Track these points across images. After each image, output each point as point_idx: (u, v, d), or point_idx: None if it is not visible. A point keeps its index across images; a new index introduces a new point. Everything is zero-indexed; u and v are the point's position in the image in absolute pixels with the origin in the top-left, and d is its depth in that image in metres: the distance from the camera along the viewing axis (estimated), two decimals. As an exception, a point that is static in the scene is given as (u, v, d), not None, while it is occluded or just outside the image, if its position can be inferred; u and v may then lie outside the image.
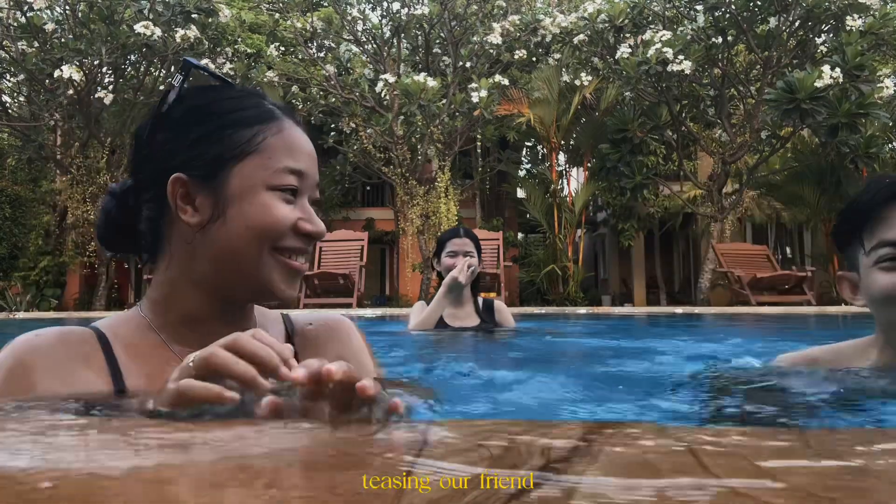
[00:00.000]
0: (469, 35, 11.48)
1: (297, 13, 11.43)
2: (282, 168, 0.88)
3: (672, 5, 10.45)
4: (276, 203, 0.87)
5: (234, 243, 0.85)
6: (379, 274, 16.94)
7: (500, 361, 2.14)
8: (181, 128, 0.89)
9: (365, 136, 11.53)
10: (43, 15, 9.48)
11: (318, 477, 0.42)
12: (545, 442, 0.49)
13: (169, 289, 0.89)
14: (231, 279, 0.88)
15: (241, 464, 0.43)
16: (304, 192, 0.92)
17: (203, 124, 0.88)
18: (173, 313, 0.89)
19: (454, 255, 3.03)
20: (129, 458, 0.46)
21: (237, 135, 0.87)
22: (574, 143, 13.21)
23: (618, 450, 0.47)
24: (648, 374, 1.97)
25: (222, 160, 0.87)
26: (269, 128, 0.89)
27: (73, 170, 10.79)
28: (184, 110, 0.90)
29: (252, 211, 0.85)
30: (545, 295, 12.32)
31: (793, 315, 7.22)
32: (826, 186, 11.10)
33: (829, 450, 0.47)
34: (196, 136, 0.88)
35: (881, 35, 9.30)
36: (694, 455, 0.44)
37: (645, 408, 1.20)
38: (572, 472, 0.40)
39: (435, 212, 10.87)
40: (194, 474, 0.41)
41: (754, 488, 0.37)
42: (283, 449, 0.49)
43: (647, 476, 0.39)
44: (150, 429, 0.59)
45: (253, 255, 0.86)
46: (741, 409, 1.10)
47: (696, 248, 15.48)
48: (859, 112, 8.72)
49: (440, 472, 0.40)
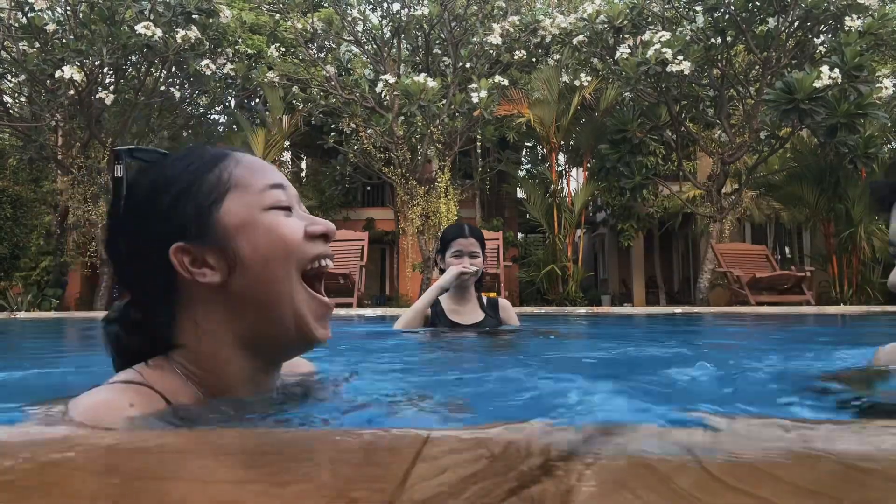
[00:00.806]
0: (469, 36, 11.47)
1: (298, 14, 11.42)
2: (263, 187, 0.86)
3: (671, 6, 10.44)
4: (278, 220, 0.85)
5: (265, 278, 0.83)
6: (379, 274, 16.93)
7: (501, 361, 2.15)
8: (148, 207, 0.85)
9: (365, 136, 11.53)
10: (44, 15, 9.47)
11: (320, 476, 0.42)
12: (545, 441, 0.49)
13: (211, 361, 0.85)
14: (271, 328, 0.84)
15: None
16: (293, 204, 0.90)
17: (167, 191, 0.85)
18: (222, 381, 0.85)
19: (459, 256, 2.90)
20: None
21: (204, 183, 0.85)
22: (574, 144, 13.19)
23: (617, 450, 0.47)
24: (668, 375, 1.99)
25: (204, 211, 0.84)
26: (226, 164, 0.88)
27: (74, 170, 10.78)
28: (141, 192, 0.86)
29: (261, 238, 0.84)
30: (545, 295, 12.31)
31: (792, 315, 7.23)
32: (825, 187, 11.09)
33: (830, 449, 0.47)
34: (167, 204, 0.84)
35: (880, 35, 9.29)
36: (692, 452, 0.44)
37: (657, 409, 1.22)
38: (572, 469, 0.40)
39: (435, 212, 10.86)
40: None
41: (754, 488, 0.37)
42: (285, 444, 0.50)
43: (647, 476, 0.39)
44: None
45: (286, 285, 0.83)
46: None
47: (695, 248, 15.47)
48: (858, 112, 8.71)
49: (441, 467, 0.41)
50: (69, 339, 4.99)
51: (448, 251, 2.95)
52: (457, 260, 2.90)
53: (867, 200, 10.85)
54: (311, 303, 0.86)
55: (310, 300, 0.86)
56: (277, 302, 0.84)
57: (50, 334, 5.47)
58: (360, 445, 0.52)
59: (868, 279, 11.02)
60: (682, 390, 1.38)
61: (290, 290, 0.84)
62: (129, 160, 0.89)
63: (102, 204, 10.80)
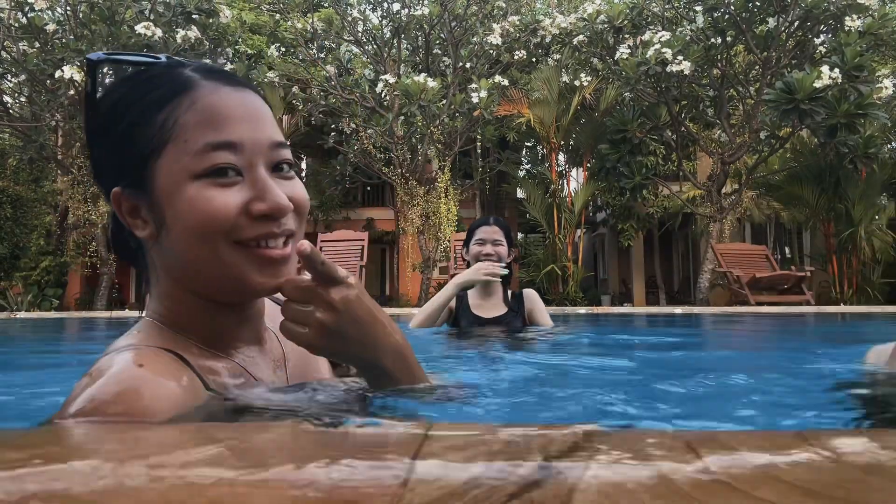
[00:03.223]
0: (469, 36, 11.48)
1: (298, 14, 11.42)
2: (201, 147, 0.72)
3: (671, 6, 10.45)
4: (205, 194, 0.72)
5: (185, 249, 0.74)
6: (379, 274, 16.94)
7: (504, 361, 2.15)
8: (103, 135, 0.77)
9: (365, 136, 11.53)
10: (44, 16, 9.48)
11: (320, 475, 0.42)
12: (546, 441, 0.49)
13: (168, 300, 0.80)
14: (204, 284, 0.77)
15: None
16: (253, 162, 0.74)
17: (119, 123, 0.75)
18: (185, 319, 0.80)
19: (483, 243, 2.92)
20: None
21: (149, 125, 0.73)
22: (574, 144, 13.20)
23: (619, 450, 0.47)
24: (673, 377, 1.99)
25: (142, 160, 0.74)
26: (180, 103, 0.73)
27: (74, 170, 10.79)
28: (101, 114, 0.77)
29: (183, 210, 0.72)
30: (545, 295, 12.30)
31: (792, 315, 7.23)
32: (825, 187, 11.09)
33: (830, 449, 0.47)
34: (115, 139, 0.76)
35: (880, 35, 9.30)
36: (694, 454, 0.44)
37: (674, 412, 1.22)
38: (573, 471, 0.40)
39: (435, 212, 10.87)
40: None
41: (757, 490, 0.37)
42: (282, 445, 0.50)
43: (647, 476, 0.39)
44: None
45: (207, 258, 0.74)
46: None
47: (695, 248, 15.48)
48: (858, 112, 8.72)
49: (440, 470, 0.40)
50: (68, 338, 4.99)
51: (472, 239, 2.97)
52: (480, 247, 2.92)
53: (867, 200, 10.87)
54: (248, 262, 0.75)
55: (246, 261, 0.74)
56: (206, 267, 0.75)
57: (50, 334, 5.47)
58: (360, 444, 0.52)
59: (868, 279, 11.03)
60: (684, 391, 1.38)
61: (218, 258, 0.74)
62: (107, 68, 0.79)
63: (102, 204, 10.81)
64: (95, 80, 0.77)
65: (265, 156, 0.75)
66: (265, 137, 0.76)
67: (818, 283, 11.59)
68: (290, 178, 0.79)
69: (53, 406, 0.70)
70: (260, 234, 0.74)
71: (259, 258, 0.75)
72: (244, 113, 0.75)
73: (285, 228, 0.76)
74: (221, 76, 0.78)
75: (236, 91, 0.76)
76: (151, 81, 0.76)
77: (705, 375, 1.49)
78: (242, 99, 0.76)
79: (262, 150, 0.75)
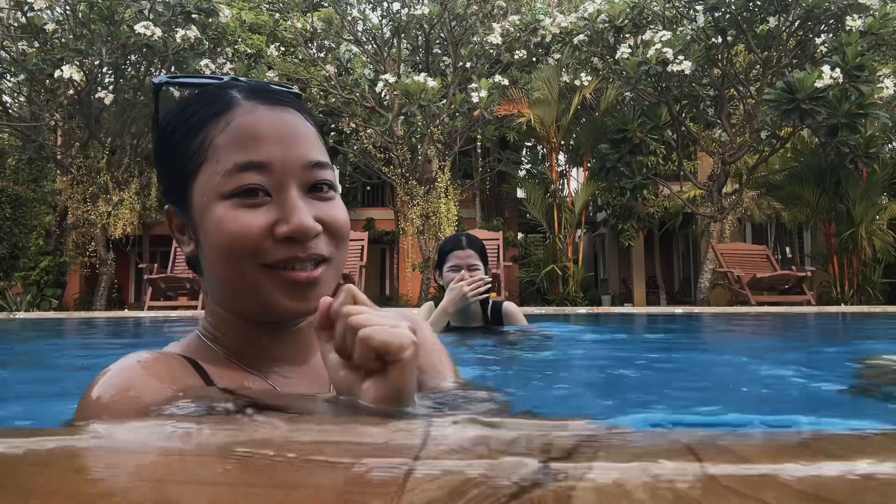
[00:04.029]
0: (469, 35, 11.49)
1: (298, 13, 11.43)
2: (230, 168, 0.72)
3: (672, 5, 10.46)
4: (232, 214, 0.72)
5: (216, 269, 0.75)
6: (379, 274, 16.95)
7: (502, 360, 2.15)
8: (158, 155, 0.81)
9: (365, 136, 11.54)
10: (43, 15, 9.49)
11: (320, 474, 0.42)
12: (547, 442, 0.49)
13: (211, 315, 0.82)
14: (237, 303, 0.78)
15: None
16: (283, 183, 0.73)
17: (169, 144, 0.78)
18: (221, 334, 0.80)
19: (457, 270, 2.71)
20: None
21: (190, 145, 0.76)
22: (574, 143, 13.21)
23: (619, 452, 0.47)
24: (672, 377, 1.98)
25: (183, 180, 0.76)
26: (216, 124, 0.75)
27: (73, 170, 10.79)
28: (158, 136, 0.81)
29: (211, 230, 0.73)
30: (545, 295, 12.32)
31: (792, 315, 7.23)
32: (826, 187, 11.10)
33: (832, 451, 0.47)
34: (166, 159, 0.79)
35: (881, 35, 9.30)
36: (694, 456, 0.44)
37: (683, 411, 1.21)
38: (573, 471, 0.40)
39: (435, 212, 10.88)
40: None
41: (759, 493, 0.36)
42: (285, 445, 0.50)
43: (647, 476, 0.39)
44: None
45: (235, 279, 0.74)
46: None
47: (695, 248, 15.49)
48: (859, 112, 8.72)
49: (441, 471, 0.40)
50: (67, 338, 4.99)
51: (445, 265, 2.77)
52: (454, 274, 2.71)
53: (868, 200, 10.87)
54: (275, 285, 0.73)
55: (273, 283, 0.73)
56: (235, 287, 0.75)
57: (50, 333, 5.47)
58: (361, 443, 0.52)
59: (869, 279, 11.03)
60: (684, 392, 1.38)
61: (245, 280, 0.73)
62: (169, 90, 0.82)
63: (102, 204, 10.82)
64: (157, 103, 0.81)
65: (299, 176, 0.74)
66: (298, 157, 0.74)
67: (819, 283, 11.59)
68: (327, 200, 0.77)
69: (54, 406, 0.70)
70: (286, 257, 0.72)
71: (285, 281, 0.73)
72: (277, 132, 0.74)
73: (312, 253, 0.73)
74: (263, 95, 0.77)
75: (272, 110, 0.76)
76: (199, 103, 0.78)
77: (706, 376, 1.49)
78: (277, 118, 0.75)
79: (295, 170, 0.74)
